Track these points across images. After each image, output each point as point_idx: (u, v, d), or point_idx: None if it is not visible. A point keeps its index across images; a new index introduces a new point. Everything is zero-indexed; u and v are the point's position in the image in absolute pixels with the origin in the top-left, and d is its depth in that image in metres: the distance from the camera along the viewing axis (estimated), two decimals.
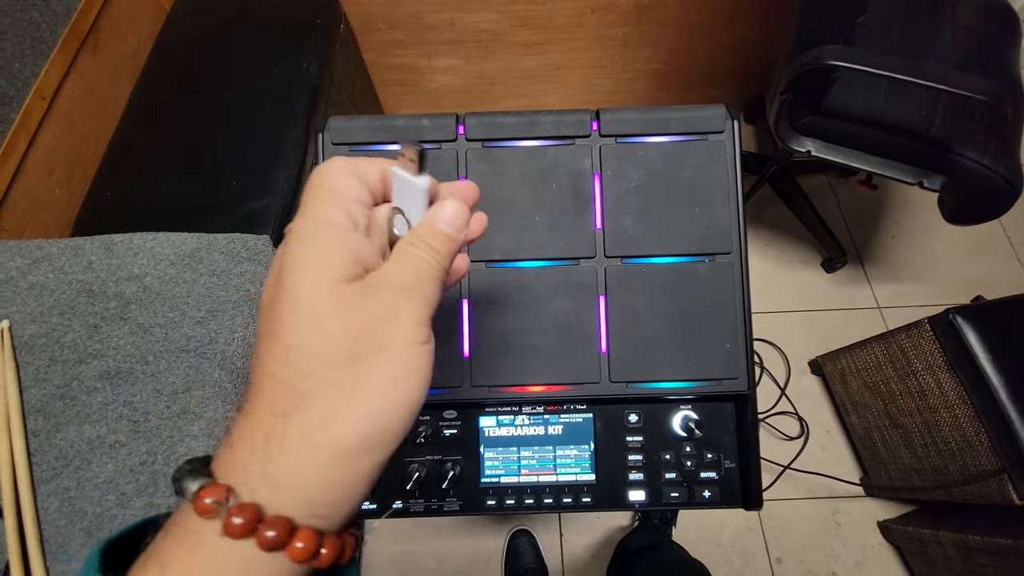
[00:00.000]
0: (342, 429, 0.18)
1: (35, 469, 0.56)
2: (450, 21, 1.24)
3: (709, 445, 0.45)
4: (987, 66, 0.99)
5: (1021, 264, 1.48)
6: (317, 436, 0.18)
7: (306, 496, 0.18)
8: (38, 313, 0.60)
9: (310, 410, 0.18)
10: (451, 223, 0.23)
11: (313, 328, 0.19)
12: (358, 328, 0.19)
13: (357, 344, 0.19)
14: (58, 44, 0.86)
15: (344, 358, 0.19)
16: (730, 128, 0.44)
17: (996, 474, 0.92)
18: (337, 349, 0.19)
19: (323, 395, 0.18)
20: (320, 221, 0.21)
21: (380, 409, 0.19)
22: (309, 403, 0.18)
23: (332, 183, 0.22)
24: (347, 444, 0.18)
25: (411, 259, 0.22)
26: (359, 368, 0.19)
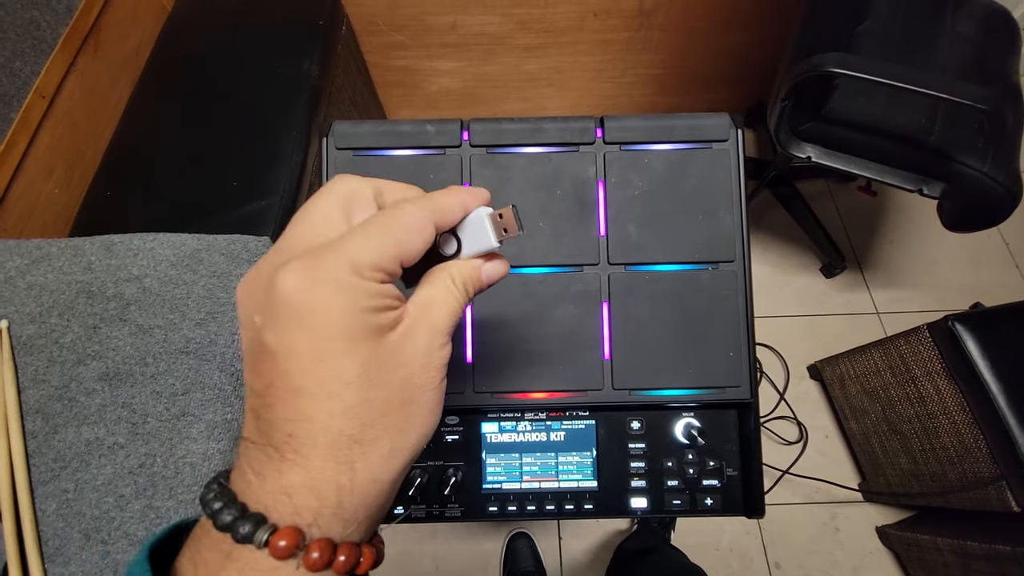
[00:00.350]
0: (399, 463, 0.21)
1: (33, 471, 0.55)
2: (452, 24, 1.24)
3: (711, 453, 0.45)
4: (987, 74, 1.00)
5: (1019, 271, 1.48)
6: (381, 474, 0.20)
7: (371, 521, 0.20)
8: (37, 313, 0.59)
9: (373, 455, 0.20)
10: (492, 279, 0.25)
11: (373, 384, 0.20)
12: (408, 374, 0.21)
13: (407, 389, 0.21)
14: (59, 43, 0.86)
15: (400, 403, 0.20)
16: (734, 137, 0.44)
17: (994, 481, 0.92)
18: (394, 398, 0.20)
19: (384, 439, 0.20)
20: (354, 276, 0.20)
21: (422, 438, 0.22)
22: (372, 449, 0.20)
23: (401, 237, 0.21)
24: (400, 471, 0.21)
25: (450, 301, 0.23)
26: (409, 409, 0.21)
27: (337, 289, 0.19)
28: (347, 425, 0.19)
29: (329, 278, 0.19)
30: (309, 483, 0.19)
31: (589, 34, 1.29)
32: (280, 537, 0.18)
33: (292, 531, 0.18)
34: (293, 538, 0.18)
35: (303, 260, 0.19)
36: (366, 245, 0.20)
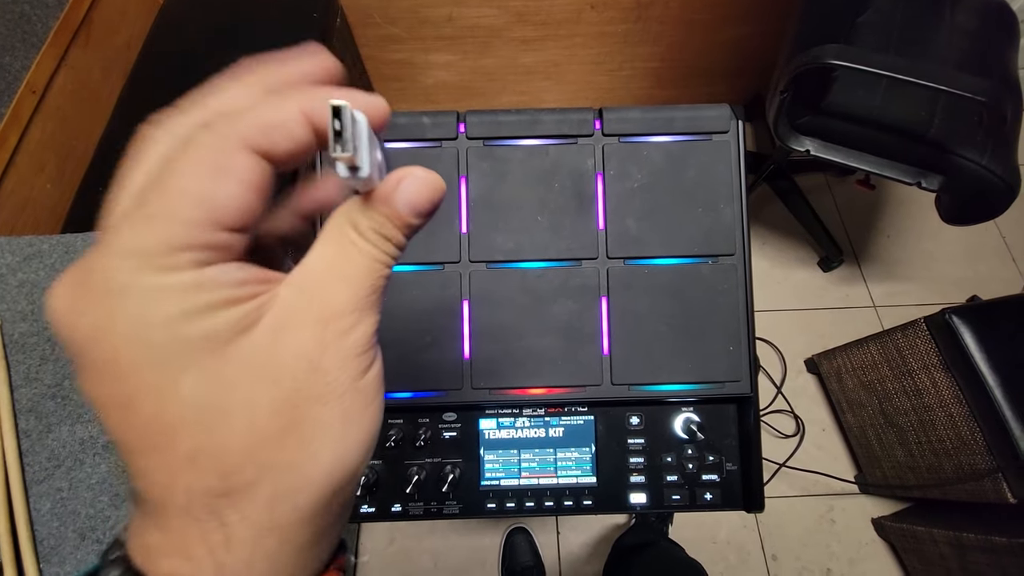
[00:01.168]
0: (302, 499, 0.15)
1: (27, 470, 0.55)
2: (448, 16, 1.23)
3: (711, 447, 0.45)
4: (986, 66, 0.99)
5: (1016, 264, 1.49)
6: (273, 519, 0.15)
7: (283, 569, 0.15)
8: (29, 311, 0.59)
9: (252, 503, 0.14)
10: (416, 207, 0.16)
11: (219, 422, 0.14)
12: (286, 392, 0.15)
13: (292, 410, 0.15)
14: (49, 37, 0.84)
15: (278, 432, 0.15)
16: (734, 128, 0.44)
17: (990, 473, 0.92)
18: (265, 428, 0.14)
19: (263, 482, 0.14)
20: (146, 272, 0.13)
21: (337, 460, 0.16)
22: (248, 496, 0.14)
23: (191, 191, 0.13)
24: (311, 509, 0.15)
25: (354, 262, 0.16)
26: (301, 434, 0.15)
27: (115, 303, 0.13)
28: (196, 480, 0.14)
29: (101, 291, 0.13)
30: (171, 545, 0.15)
31: (586, 26, 1.28)
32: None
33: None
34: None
35: (66, 275, 0.14)
36: (143, 221, 0.13)
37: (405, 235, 0.16)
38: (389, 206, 0.16)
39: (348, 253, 0.16)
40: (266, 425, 0.14)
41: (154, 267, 0.13)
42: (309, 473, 0.15)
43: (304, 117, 0.15)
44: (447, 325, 0.43)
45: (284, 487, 0.15)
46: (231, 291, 0.14)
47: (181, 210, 0.13)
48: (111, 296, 0.13)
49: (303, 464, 0.15)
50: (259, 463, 0.14)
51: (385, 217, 0.16)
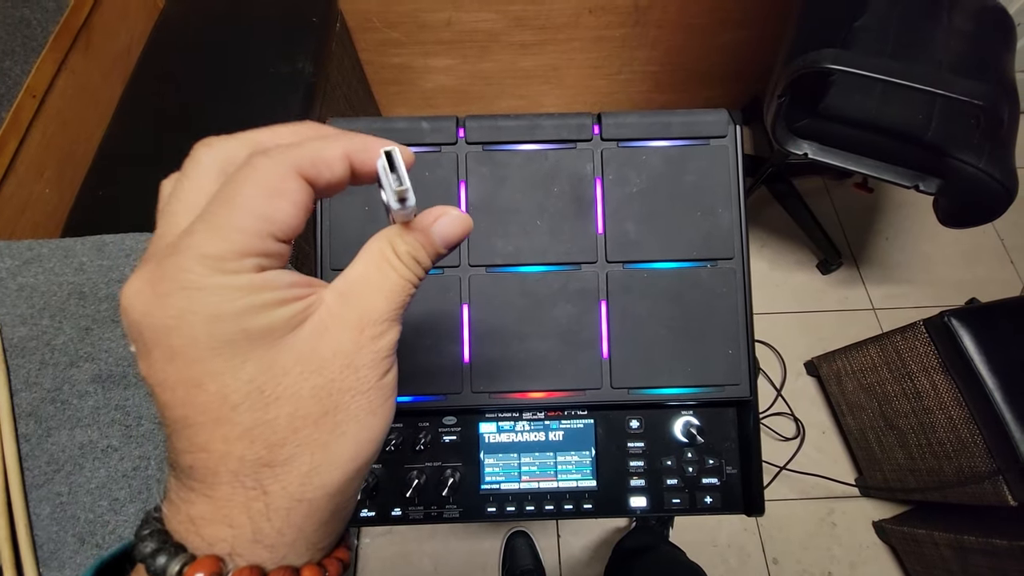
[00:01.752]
0: (330, 477, 0.18)
1: (27, 474, 0.55)
2: (447, 20, 1.24)
3: (711, 451, 0.45)
4: (983, 70, 1.00)
5: (1014, 267, 1.49)
6: (306, 492, 0.17)
7: (305, 543, 0.18)
8: (28, 315, 0.59)
9: (290, 474, 0.17)
10: (448, 241, 0.20)
11: (273, 401, 0.17)
12: (325, 381, 0.17)
13: (328, 397, 0.17)
14: (49, 42, 0.84)
15: (318, 415, 0.17)
16: (732, 133, 0.44)
17: (991, 476, 0.92)
18: (308, 411, 0.17)
19: (301, 456, 0.17)
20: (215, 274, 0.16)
21: (361, 446, 0.18)
22: (287, 468, 0.17)
23: (253, 206, 0.16)
24: (337, 488, 0.18)
25: (390, 280, 0.19)
26: (334, 418, 0.18)
27: (191, 298, 0.15)
28: (248, 450, 0.17)
29: (177, 287, 0.15)
30: (217, 513, 0.17)
31: (585, 30, 1.28)
32: (196, 569, 0.16)
33: (210, 561, 0.16)
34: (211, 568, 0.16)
35: (142, 272, 0.16)
36: (213, 230, 0.16)
37: (432, 261, 0.20)
38: (426, 237, 0.19)
39: (385, 271, 0.19)
40: (308, 408, 0.17)
41: (224, 269, 0.16)
42: (338, 452, 0.18)
43: (346, 157, 0.19)
44: (447, 329, 0.43)
45: (317, 463, 0.17)
46: (284, 292, 0.17)
47: (246, 223, 0.16)
48: (188, 292, 0.15)
49: (334, 444, 0.18)
50: (300, 440, 0.17)
51: (420, 245, 0.19)
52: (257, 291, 0.16)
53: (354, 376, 0.18)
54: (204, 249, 0.16)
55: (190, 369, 0.16)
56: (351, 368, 0.18)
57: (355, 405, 0.18)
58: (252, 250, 0.16)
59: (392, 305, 0.19)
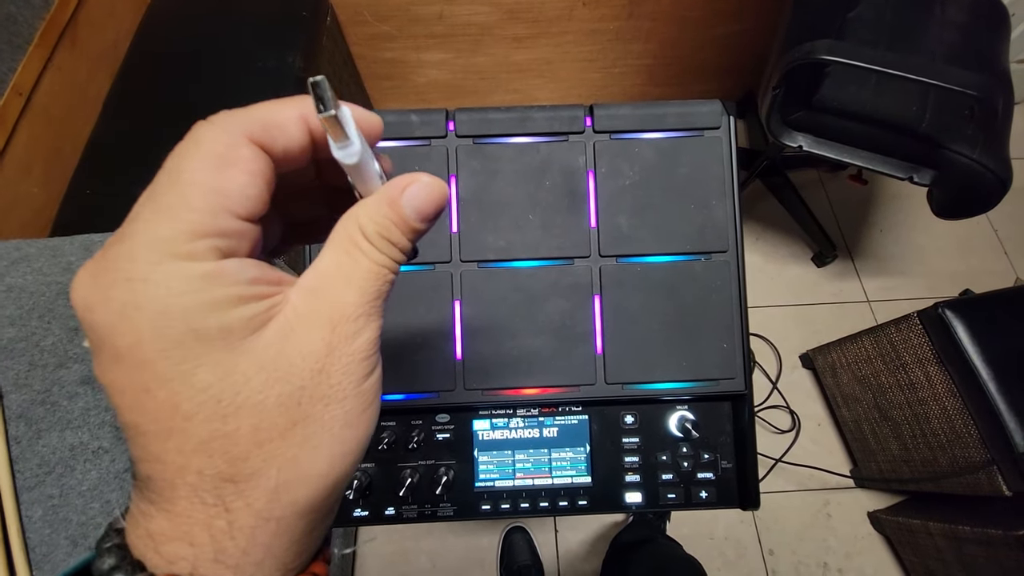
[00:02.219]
0: (300, 493, 0.16)
1: (17, 477, 0.54)
2: (439, 14, 1.22)
3: (706, 445, 0.45)
4: (977, 60, 0.99)
5: (1008, 258, 1.49)
6: (273, 511, 0.16)
7: (274, 563, 0.16)
8: (16, 316, 0.58)
9: (256, 490, 0.15)
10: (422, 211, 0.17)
11: (233, 411, 0.15)
12: (293, 389, 0.15)
13: (297, 407, 0.16)
14: (35, 38, 0.83)
15: (285, 427, 0.15)
16: (726, 124, 0.44)
17: (985, 466, 0.93)
18: (274, 422, 0.15)
19: (267, 472, 0.15)
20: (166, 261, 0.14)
21: (336, 459, 0.16)
22: (252, 484, 0.15)
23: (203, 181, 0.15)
24: (308, 504, 0.16)
25: (361, 266, 0.16)
26: (304, 430, 0.16)
27: (134, 290, 0.14)
28: (207, 464, 0.15)
29: (121, 277, 0.14)
30: (176, 529, 0.15)
31: (578, 23, 1.28)
32: None
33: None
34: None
35: (89, 263, 0.14)
36: (160, 210, 0.14)
37: (410, 240, 0.17)
38: (395, 211, 0.17)
39: (355, 258, 0.16)
40: (274, 419, 0.15)
41: (174, 254, 0.14)
42: (309, 469, 0.16)
43: (302, 120, 0.16)
44: (439, 326, 0.42)
45: (285, 479, 0.16)
46: (244, 288, 0.15)
47: (194, 199, 0.14)
48: (131, 283, 0.14)
49: (304, 460, 0.16)
50: (265, 454, 0.15)
51: (391, 222, 0.17)
52: (212, 283, 0.14)
53: (327, 383, 0.16)
54: (150, 232, 0.14)
55: (137, 373, 0.14)
56: (323, 374, 0.16)
57: (329, 416, 0.16)
58: (205, 229, 0.14)
59: (366, 296, 0.16)
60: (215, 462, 0.15)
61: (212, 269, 0.14)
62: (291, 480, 0.16)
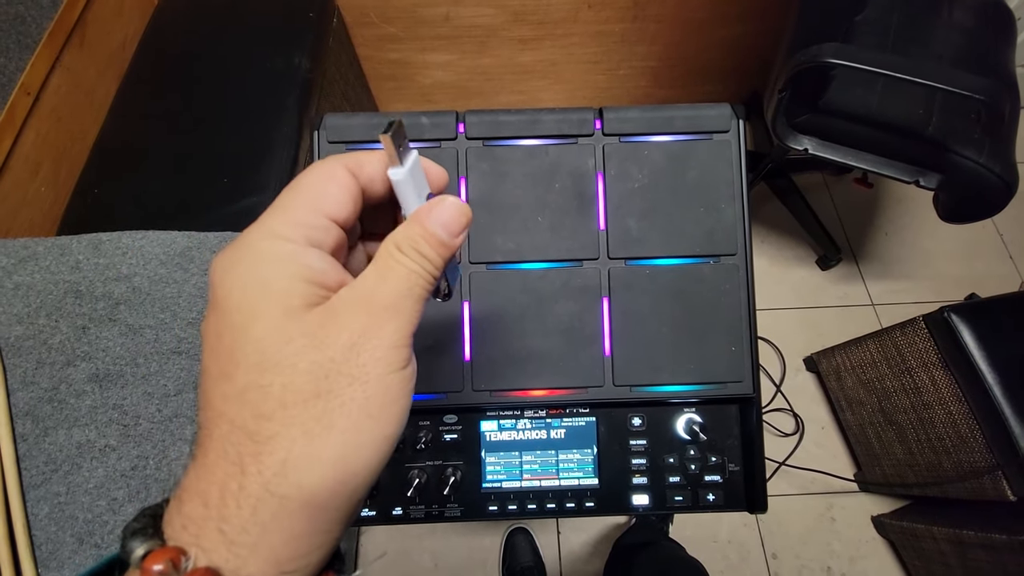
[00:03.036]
0: (307, 477, 0.16)
1: (24, 474, 0.54)
2: (445, 15, 1.23)
3: (713, 448, 0.45)
4: (983, 64, 0.99)
5: (1014, 262, 1.49)
6: (279, 486, 0.16)
7: (269, 554, 0.16)
8: (24, 314, 0.58)
9: (269, 457, 0.16)
10: (448, 227, 0.20)
11: (271, 366, 0.17)
12: (324, 359, 0.17)
13: (324, 379, 0.17)
14: (44, 38, 0.84)
15: (309, 395, 0.17)
16: (735, 128, 0.44)
17: (990, 471, 0.92)
18: (301, 387, 0.17)
19: (283, 439, 0.16)
20: (267, 238, 0.18)
21: (350, 450, 0.17)
22: (268, 449, 0.16)
23: (309, 188, 0.20)
24: (313, 493, 0.16)
25: (394, 271, 0.19)
26: (325, 405, 0.17)
27: (239, 256, 0.18)
28: (238, 413, 0.16)
29: (232, 247, 0.18)
30: (198, 484, 0.16)
31: (584, 25, 1.28)
32: (155, 558, 0.15)
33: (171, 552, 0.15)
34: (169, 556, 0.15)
35: (229, 244, 0.19)
36: (276, 207, 0.19)
37: (439, 254, 0.20)
38: (423, 226, 0.20)
39: (389, 264, 0.19)
40: (302, 383, 0.17)
41: (275, 235, 0.18)
42: (320, 450, 0.17)
43: (382, 164, 0.21)
44: (447, 327, 0.43)
45: (296, 454, 0.16)
46: (315, 273, 0.18)
47: (299, 199, 0.19)
48: (238, 250, 0.18)
49: (318, 436, 0.17)
50: (286, 417, 0.17)
51: (421, 237, 0.19)
52: (292, 258, 0.18)
53: (355, 361, 0.17)
54: (263, 220, 0.18)
55: (219, 319, 0.17)
56: (353, 350, 0.17)
57: (349, 395, 0.17)
58: (300, 220, 0.18)
59: (399, 290, 0.19)
60: (244, 414, 0.17)
61: (296, 249, 0.18)
62: (301, 457, 0.16)
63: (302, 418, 0.17)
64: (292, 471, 0.16)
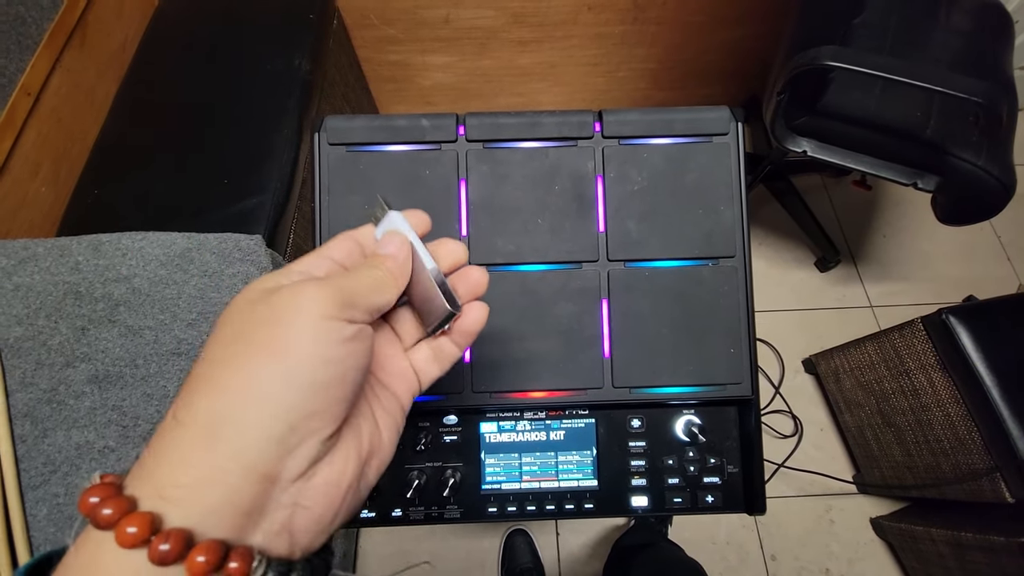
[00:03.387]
0: (202, 401, 0.18)
1: (23, 475, 0.54)
2: (445, 17, 1.23)
3: (712, 450, 0.45)
4: (981, 67, 1.00)
5: (1012, 264, 1.49)
6: (180, 411, 0.18)
7: (158, 477, 0.17)
8: (24, 315, 0.58)
9: (195, 400, 0.18)
10: (383, 246, 0.25)
11: (226, 321, 0.20)
12: (259, 310, 0.20)
13: (247, 323, 0.19)
14: (44, 39, 0.84)
15: (236, 336, 0.19)
16: (734, 130, 0.44)
17: (988, 472, 0.93)
18: (234, 331, 0.19)
19: (199, 376, 0.18)
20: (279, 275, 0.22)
21: (244, 380, 0.18)
22: (192, 392, 0.18)
23: (323, 248, 0.25)
24: (209, 419, 0.18)
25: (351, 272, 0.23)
26: (240, 344, 0.19)
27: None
28: (203, 354, 0.19)
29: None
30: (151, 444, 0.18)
31: (583, 28, 1.28)
32: (94, 492, 0.16)
33: (106, 487, 0.17)
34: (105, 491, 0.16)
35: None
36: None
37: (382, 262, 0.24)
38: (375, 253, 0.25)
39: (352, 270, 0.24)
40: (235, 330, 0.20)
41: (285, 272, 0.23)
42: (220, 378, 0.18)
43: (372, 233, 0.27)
44: None
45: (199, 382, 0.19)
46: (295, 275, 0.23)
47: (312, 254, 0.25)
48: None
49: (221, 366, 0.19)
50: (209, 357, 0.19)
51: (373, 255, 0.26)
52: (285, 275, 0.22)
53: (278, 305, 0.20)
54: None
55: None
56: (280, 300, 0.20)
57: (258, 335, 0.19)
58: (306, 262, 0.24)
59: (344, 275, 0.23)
60: (203, 355, 0.19)
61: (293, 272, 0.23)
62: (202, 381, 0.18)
63: (220, 354, 0.19)
64: (194, 396, 0.18)
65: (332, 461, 0.20)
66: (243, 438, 0.18)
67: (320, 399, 0.19)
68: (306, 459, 0.19)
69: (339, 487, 0.20)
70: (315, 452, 0.19)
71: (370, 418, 0.24)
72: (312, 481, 0.20)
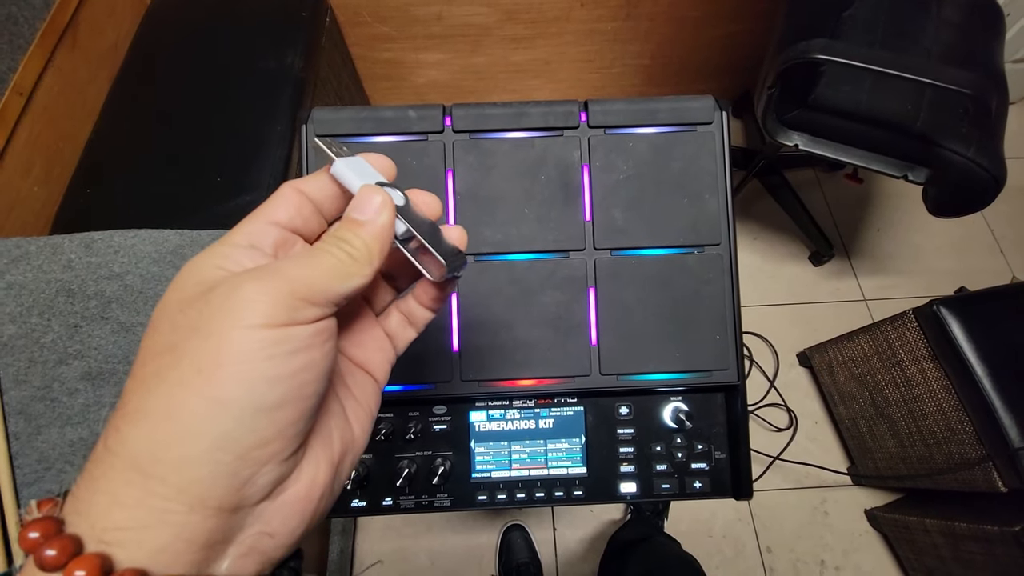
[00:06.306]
0: (132, 432, 0.16)
1: (17, 472, 0.54)
2: (438, 14, 1.23)
3: (699, 436, 0.45)
4: (971, 59, 1.00)
5: (1003, 256, 1.50)
6: (110, 440, 0.16)
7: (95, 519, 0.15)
8: (17, 313, 0.58)
9: (122, 427, 0.16)
10: (357, 208, 0.20)
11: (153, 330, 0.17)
12: (188, 316, 0.16)
13: (173, 332, 0.16)
14: (36, 38, 0.84)
15: (163, 349, 0.16)
16: (718, 119, 0.44)
17: (981, 462, 0.93)
18: (160, 342, 0.17)
19: (130, 394, 0.16)
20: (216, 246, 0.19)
21: (175, 405, 0.16)
22: (122, 415, 0.16)
23: (261, 206, 0.20)
24: (137, 452, 0.16)
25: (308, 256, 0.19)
26: (168, 358, 0.16)
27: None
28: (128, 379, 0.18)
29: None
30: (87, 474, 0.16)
31: (576, 24, 1.28)
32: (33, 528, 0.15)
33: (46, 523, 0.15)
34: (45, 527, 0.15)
35: None
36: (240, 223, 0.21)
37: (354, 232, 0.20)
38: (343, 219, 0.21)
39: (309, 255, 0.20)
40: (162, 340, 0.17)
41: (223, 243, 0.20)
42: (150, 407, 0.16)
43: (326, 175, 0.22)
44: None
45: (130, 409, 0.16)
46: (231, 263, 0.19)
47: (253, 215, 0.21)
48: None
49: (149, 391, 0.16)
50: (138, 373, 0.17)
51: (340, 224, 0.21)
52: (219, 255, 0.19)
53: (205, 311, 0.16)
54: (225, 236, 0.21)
55: None
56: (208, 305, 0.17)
57: (185, 348, 0.16)
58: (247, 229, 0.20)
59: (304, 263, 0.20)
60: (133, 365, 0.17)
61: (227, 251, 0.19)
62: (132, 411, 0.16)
63: (149, 370, 0.16)
64: (121, 422, 0.16)
65: (299, 477, 0.18)
66: (181, 475, 0.15)
67: (269, 426, 0.16)
68: (268, 483, 0.17)
69: (310, 499, 0.18)
70: (276, 475, 0.17)
71: (340, 415, 0.21)
72: (280, 499, 0.18)
